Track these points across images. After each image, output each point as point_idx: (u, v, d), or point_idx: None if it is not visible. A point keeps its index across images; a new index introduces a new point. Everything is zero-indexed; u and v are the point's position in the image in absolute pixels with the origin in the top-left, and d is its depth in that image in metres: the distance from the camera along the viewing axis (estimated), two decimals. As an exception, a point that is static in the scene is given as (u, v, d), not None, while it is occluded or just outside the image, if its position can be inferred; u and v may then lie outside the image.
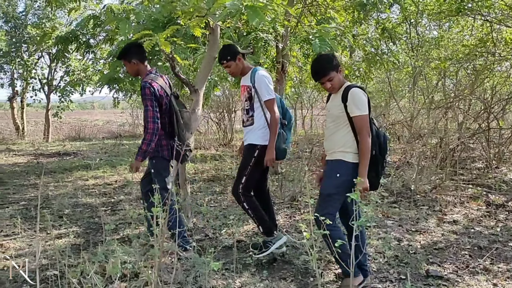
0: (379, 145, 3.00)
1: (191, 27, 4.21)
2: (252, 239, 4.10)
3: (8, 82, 14.48)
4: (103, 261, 2.75)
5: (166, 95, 3.61)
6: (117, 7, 6.57)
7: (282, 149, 3.54)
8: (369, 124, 2.95)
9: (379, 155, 2.99)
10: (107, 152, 11.45)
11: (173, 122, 3.59)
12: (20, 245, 4.06)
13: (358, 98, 2.91)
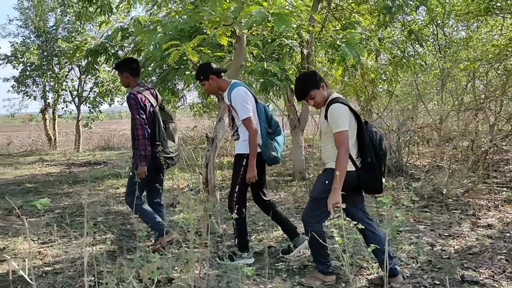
0: (374, 151, 3.11)
1: (217, 36, 4.27)
2: (282, 245, 4.11)
3: (40, 95, 14.96)
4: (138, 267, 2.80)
5: (150, 105, 3.84)
6: (144, 18, 6.74)
7: (272, 157, 3.65)
8: (362, 131, 3.11)
9: (375, 160, 3.10)
10: (136, 160, 11.66)
11: (155, 131, 3.80)
12: (57, 252, 4.18)
13: (336, 115, 3.04)
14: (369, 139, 3.12)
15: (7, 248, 4.34)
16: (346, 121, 3.05)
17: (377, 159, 3.12)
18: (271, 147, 3.66)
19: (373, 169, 3.10)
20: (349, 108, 3.11)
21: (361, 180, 3.16)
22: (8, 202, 6.18)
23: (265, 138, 3.66)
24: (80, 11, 8.24)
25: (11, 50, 13.94)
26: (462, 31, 11.02)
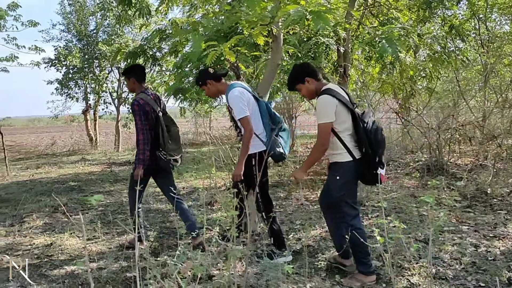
0: (369, 142, 3.13)
1: (254, 36, 4.30)
2: (320, 244, 4.09)
3: (82, 96, 15.50)
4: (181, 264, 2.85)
5: (153, 111, 4.03)
6: (181, 20, 6.85)
7: (278, 153, 3.71)
8: (356, 122, 3.15)
9: (369, 152, 3.13)
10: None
11: (159, 135, 4.01)
12: (101, 248, 4.33)
13: (320, 106, 3.18)
14: (363, 129, 3.14)
15: (54, 244, 4.52)
16: (331, 113, 3.11)
17: (372, 149, 3.14)
18: (277, 143, 3.72)
19: (367, 160, 3.15)
20: (339, 100, 3.14)
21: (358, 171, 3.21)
22: (54, 199, 6.46)
23: (270, 133, 3.74)
24: (120, 14, 8.48)
25: (55, 54, 14.51)
26: (506, 25, 10.60)
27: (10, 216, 5.73)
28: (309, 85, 3.33)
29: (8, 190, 7.91)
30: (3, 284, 3.49)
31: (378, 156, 3.16)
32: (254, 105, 3.78)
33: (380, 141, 3.20)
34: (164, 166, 4.06)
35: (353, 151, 3.19)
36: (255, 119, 3.72)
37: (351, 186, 3.27)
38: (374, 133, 3.16)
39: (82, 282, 3.48)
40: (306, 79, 3.32)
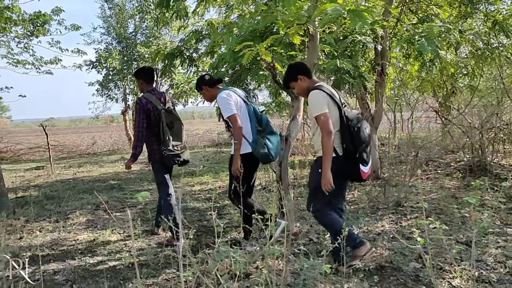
0: (351, 140, 3.28)
1: (290, 35, 4.29)
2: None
3: (121, 97, 15.94)
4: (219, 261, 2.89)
5: (155, 109, 4.38)
6: (217, 21, 6.93)
7: (263, 154, 3.92)
8: (341, 119, 3.31)
9: (351, 147, 3.28)
10: (209, 159, 12.05)
11: (160, 132, 4.33)
12: (140, 245, 4.44)
13: (312, 100, 3.33)
14: (347, 126, 3.30)
15: (97, 240, 4.68)
16: (324, 105, 3.28)
17: (353, 146, 3.29)
18: (261, 144, 3.92)
19: (349, 155, 3.31)
20: (330, 96, 3.33)
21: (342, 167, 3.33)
22: (96, 197, 6.69)
23: (255, 135, 3.99)
24: (158, 16, 8.66)
25: (96, 56, 15.00)
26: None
27: (55, 213, 5.97)
28: (301, 83, 3.56)
29: (52, 187, 8.25)
30: (50, 277, 3.65)
31: (359, 153, 3.30)
32: (243, 107, 4.08)
33: (362, 139, 3.31)
34: (166, 162, 4.41)
35: (337, 148, 3.35)
36: (243, 121, 3.98)
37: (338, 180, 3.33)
38: (357, 131, 3.29)
39: (124, 277, 3.59)
40: (299, 77, 3.55)
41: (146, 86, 4.58)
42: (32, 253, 4.25)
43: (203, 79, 4.28)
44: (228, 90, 4.13)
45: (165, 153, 4.33)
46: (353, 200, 5.82)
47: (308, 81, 3.55)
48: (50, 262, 4.04)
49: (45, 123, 12.75)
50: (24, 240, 4.73)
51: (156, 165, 4.52)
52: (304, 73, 3.56)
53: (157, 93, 4.54)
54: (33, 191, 7.89)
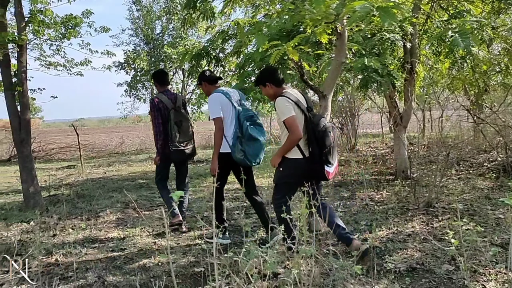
0: (316, 143, 3.55)
1: (318, 34, 4.26)
2: (387, 246, 3.98)
3: (149, 97, 16.17)
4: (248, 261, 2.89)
5: (165, 108, 4.80)
6: (243, 21, 6.94)
7: (239, 159, 4.09)
8: (306, 123, 3.58)
9: (316, 150, 3.55)
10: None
11: (167, 129, 4.75)
12: (170, 244, 4.49)
13: (279, 106, 3.60)
14: (312, 130, 3.55)
15: (127, 238, 4.76)
16: (291, 109, 3.53)
17: (319, 148, 3.55)
18: (238, 150, 4.10)
19: (314, 157, 3.56)
20: (295, 103, 3.58)
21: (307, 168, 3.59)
22: (125, 196, 6.81)
23: (234, 140, 4.16)
24: (185, 17, 8.74)
25: (124, 58, 15.26)
26: None
27: (86, 211, 6.11)
28: (268, 89, 3.82)
29: (83, 186, 8.45)
30: (83, 274, 3.74)
31: (324, 155, 3.55)
32: (231, 111, 4.26)
33: (327, 142, 3.56)
34: (172, 156, 4.84)
35: (303, 150, 3.61)
36: (227, 124, 4.22)
37: (293, 180, 3.66)
38: (321, 135, 3.54)
39: (154, 275, 3.64)
40: (267, 83, 3.80)
41: (160, 88, 5.03)
42: (65, 250, 4.36)
43: (204, 74, 4.58)
44: (221, 91, 4.33)
45: (171, 148, 4.75)
46: (382, 200, 5.74)
47: (275, 88, 3.79)
48: (82, 259, 4.13)
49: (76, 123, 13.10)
50: (57, 237, 4.85)
51: (161, 158, 4.92)
52: (272, 81, 3.79)
53: (169, 94, 4.95)
54: (65, 190, 8.09)
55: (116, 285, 3.48)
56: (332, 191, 6.43)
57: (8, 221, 5.68)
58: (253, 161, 4.17)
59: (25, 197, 6.47)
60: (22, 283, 3.57)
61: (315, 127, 3.56)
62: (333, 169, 3.66)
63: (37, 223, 5.49)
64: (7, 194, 8.05)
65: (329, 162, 3.58)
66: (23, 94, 6.40)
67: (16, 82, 6.36)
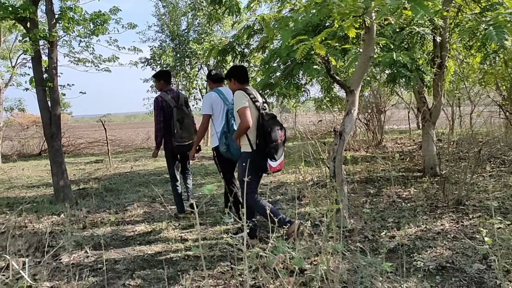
0: (263, 136, 3.86)
1: (345, 28, 4.19)
2: (416, 243, 3.91)
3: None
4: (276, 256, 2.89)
5: (168, 106, 5.16)
6: (269, 16, 6.91)
7: (223, 151, 4.53)
8: (259, 120, 3.90)
9: (263, 144, 3.87)
10: (260, 154, 12.10)
11: (171, 125, 5.15)
12: (195, 237, 4.53)
13: (235, 98, 3.94)
14: (261, 126, 3.88)
15: (154, 232, 4.83)
16: (246, 100, 3.88)
17: (265, 143, 3.86)
18: (222, 143, 4.53)
19: (259, 151, 3.90)
20: (251, 99, 3.93)
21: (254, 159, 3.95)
22: (152, 190, 6.89)
23: (221, 135, 4.56)
24: (210, 13, 8.77)
25: (150, 54, 15.44)
26: None
27: (114, 204, 6.22)
28: (232, 84, 4.21)
29: (111, 180, 8.61)
30: (111, 266, 3.81)
31: (268, 149, 3.86)
32: (221, 108, 4.78)
33: (273, 138, 3.86)
34: (175, 150, 5.29)
35: (253, 144, 3.95)
36: (217, 120, 4.78)
37: (252, 173, 3.89)
38: (269, 131, 3.85)
39: (181, 269, 3.67)
40: (232, 79, 4.22)
41: (164, 86, 5.34)
42: (94, 242, 4.45)
43: (209, 74, 5.16)
44: (216, 91, 4.90)
45: (174, 144, 5.17)
46: (409, 197, 5.63)
47: (238, 84, 4.18)
48: (111, 251, 4.21)
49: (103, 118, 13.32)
50: (86, 230, 4.96)
51: (167, 152, 5.36)
52: (236, 78, 4.21)
53: (172, 93, 5.31)
54: (93, 184, 8.27)
55: (144, 277, 3.53)
56: (359, 188, 6.35)
57: (39, 213, 5.84)
58: (235, 155, 4.44)
59: (55, 190, 6.64)
60: (53, 274, 3.66)
61: (265, 123, 3.89)
62: (276, 164, 3.98)
63: (67, 215, 5.62)
64: (38, 187, 8.28)
65: (273, 157, 3.90)
66: (53, 89, 6.56)
67: (47, 78, 6.51)
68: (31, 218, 5.58)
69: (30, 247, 4.29)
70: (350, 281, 3.10)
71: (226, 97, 4.83)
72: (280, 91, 6.98)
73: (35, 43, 6.25)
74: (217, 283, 3.34)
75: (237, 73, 4.22)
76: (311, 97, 10.63)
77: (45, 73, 6.57)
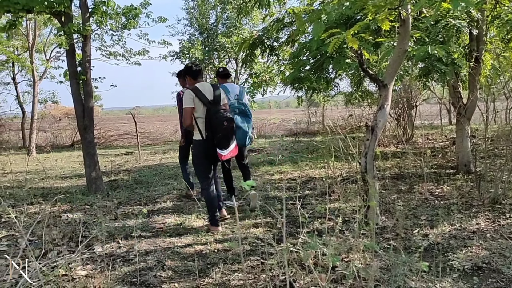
0: (211, 129, 4.40)
1: (379, 21, 4.10)
2: (451, 242, 3.81)
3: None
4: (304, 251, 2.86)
5: None
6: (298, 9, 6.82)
7: None
8: (206, 112, 4.41)
9: (210, 136, 4.42)
10: (287, 148, 12.05)
11: None
12: (224, 231, 4.55)
13: (184, 97, 4.50)
14: (209, 118, 4.40)
15: (183, 224, 4.87)
16: (190, 101, 4.42)
17: (212, 133, 4.40)
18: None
19: (209, 140, 4.44)
20: (196, 95, 4.42)
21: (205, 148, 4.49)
22: (181, 182, 6.96)
23: None
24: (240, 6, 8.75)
25: (179, 47, 15.55)
26: None
27: (144, 197, 6.32)
28: (188, 80, 4.76)
29: (141, 173, 8.74)
30: (143, 258, 3.86)
31: (216, 140, 4.39)
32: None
33: (219, 129, 4.36)
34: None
35: (203, 133, 4.45)
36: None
37: (202, 160, 4.59)
38: (217, 122, 4.35)
39: (210, 261, 3.69)
40: (186, 76, 4.76)
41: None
42: (125, 234, 4.53)
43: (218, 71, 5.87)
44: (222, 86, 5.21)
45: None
46: (442, 194, 5.50)
47: (192, 81, 4.68)
48: (142, 242, 4.28)
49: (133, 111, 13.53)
50: (118, 221, 5.05)
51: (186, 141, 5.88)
52: (190, 75, 4.70)
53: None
54: (123, 175, 8.41)
55: (174, 269, 3.56)
56: (390, 184, 6.24)
57: (72, 204, 5.98)
58: (239, 142, 4.96)
59: (87, 181, 6.79)
60: (87, 263, 3.75)
61: (212, 117, 4.37)
62: (226, 152, 4.46)
63: (99, 206, 5.74)
64: (71, 178, 8.49)
65: (221, 146, 4.42)
66: (86, 82, 6.69)
67: (80, 71, 6.64)
68: (65, 208, 5.73)
69: (64, 236, 4.41)
70: (383, 279, 3.04)
71: (230, 92, 5.26)
72: (310, 85, 6.91)
73: (69, 37, 6.38)
74: (247, 277, 3.34)
75: (191, 71, 4.70)
76: (340, 91, 10.49)
77: (78, 67, 6.71)
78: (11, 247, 4.26)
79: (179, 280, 3.36)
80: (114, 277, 3.39)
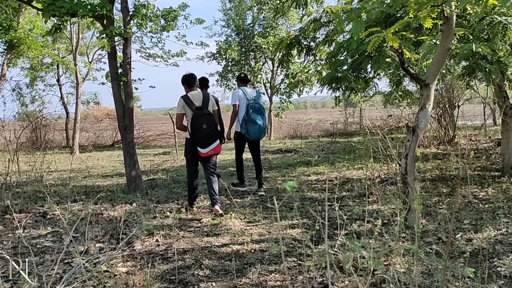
0: (193, 128, 5.15)
1: (421, 18, 3.99)
2: (496, 248, 3.65)
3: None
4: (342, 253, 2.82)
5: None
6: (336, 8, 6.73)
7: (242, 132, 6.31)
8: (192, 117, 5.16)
9: (192, 136, 5.18)
10: (324, 149, 11.94)
11: None
12: (261, 231, 4.55)
13: (177, 104, 5.27)
14: (192, 123, 5.15)
15: (220, 224, 4.91)
16: (181, 108, 5.23)
17: (193, 134, 5.17)
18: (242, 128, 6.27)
19: (191, 139, 5.23)
20: (185, 102, 5.18)
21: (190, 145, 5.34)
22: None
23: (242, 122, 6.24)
24: (276, 7, 8.74)
25: (216, 48, 15.71)
26: None
27: (182, 196, 6.41)
28: (184, 89, 5.42)
29: (178, 172, 8.88)
30: (181, 256, 3.92)
31: (196, 140, 5.14)
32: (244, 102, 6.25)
33: (198, 131, 5.11)
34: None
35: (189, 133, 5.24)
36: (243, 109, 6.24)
37: (189, 155, 5.45)
38: (197, 124, 5.10)
39: (247, 262, 3.70)
40: (183, 85, 5.43)
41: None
42: (164, 232, 4.61)
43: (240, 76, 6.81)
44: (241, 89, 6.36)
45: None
46: (487, 198, 5.29)
47: (187, 88, 5.39)
48: (180, 241, 4.34)
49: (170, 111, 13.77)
50: (157, 220, 5.15)
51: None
52: (187, 84, 5.42)
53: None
54: (161, 175, 8.58)
55: (212, 269, 3.59)
56: (431, 186, 6.06)
57: (113, 202, 6.15)
58: (252, 137, 6.16)
59: (128, 180, 6.96)
60: (127, 260, 3.84)
61: (194, 121, 5.11)
62: (206, 151, 5.17)
63: (139, 205, 5.88)
64: (111, 177, 8.73)
65: (201, 145, 5.14)
66: (127, 84, 6.86)
67: (121, 73, 6.82)
68: (106, 206, 5.90)
69: (106, 233, 4.54)
70: (424, 285, 2.96)
71: (248, 94, 6.25)
72: (348, 85, 6.81)
73: (111, 40, 6.56)
74: (284, 278, 3.32)
75: (186, 80, 5.39)
76: (378, 91, 10.28)
77: (119, 68, 6.89)
78: (56, 243, 4.42)
79: (216, 279, 3.38)
80: (153, 275, 3.45)
